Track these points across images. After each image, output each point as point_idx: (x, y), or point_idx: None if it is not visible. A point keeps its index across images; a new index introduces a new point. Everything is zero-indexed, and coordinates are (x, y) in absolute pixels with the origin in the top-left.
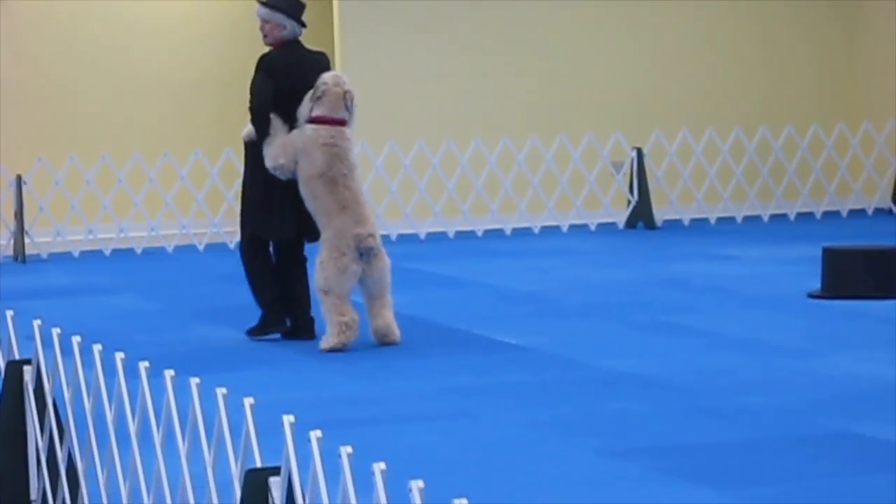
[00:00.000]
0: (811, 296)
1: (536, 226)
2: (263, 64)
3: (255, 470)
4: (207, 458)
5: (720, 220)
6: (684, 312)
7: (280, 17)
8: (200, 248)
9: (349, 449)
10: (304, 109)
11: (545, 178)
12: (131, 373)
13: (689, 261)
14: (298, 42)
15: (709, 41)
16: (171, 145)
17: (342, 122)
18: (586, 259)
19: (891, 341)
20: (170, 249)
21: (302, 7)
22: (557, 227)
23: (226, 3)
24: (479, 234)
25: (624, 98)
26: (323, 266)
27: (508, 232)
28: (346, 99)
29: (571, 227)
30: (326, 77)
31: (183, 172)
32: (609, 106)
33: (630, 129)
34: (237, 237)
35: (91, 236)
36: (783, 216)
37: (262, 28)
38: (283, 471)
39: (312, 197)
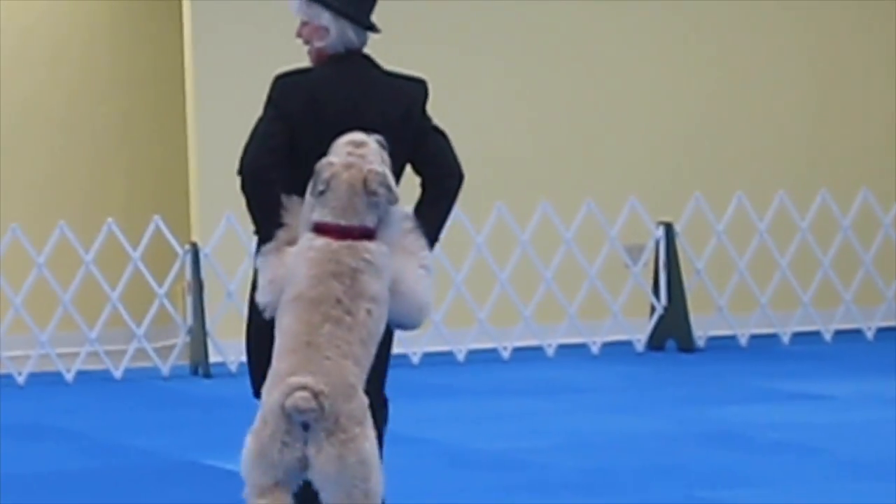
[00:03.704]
0: None
1: (506, 346)
2: (274, 90)
3: None
4: None
5: (796, 336)
6: (739, 485)
7: (321, 15)
8: None
9: None
10: (306, 208)
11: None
12: None
13: (747, 403)
14: (358, 57)
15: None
16: None
17: (361, 233)
18: (585, 400)
19: None
20: None
21: (367, 2)
22: (539, 349)
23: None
24: (415, 360)
25: (647, 153)
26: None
27: (461, 357)
28: (366, 188)
29: (561, 347)
30: (337, 149)
31: None
32: (624, 164)
33: (653, 195)
34: None
35: None
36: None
37: (299, 33)
38: None
39: (277, 333)
